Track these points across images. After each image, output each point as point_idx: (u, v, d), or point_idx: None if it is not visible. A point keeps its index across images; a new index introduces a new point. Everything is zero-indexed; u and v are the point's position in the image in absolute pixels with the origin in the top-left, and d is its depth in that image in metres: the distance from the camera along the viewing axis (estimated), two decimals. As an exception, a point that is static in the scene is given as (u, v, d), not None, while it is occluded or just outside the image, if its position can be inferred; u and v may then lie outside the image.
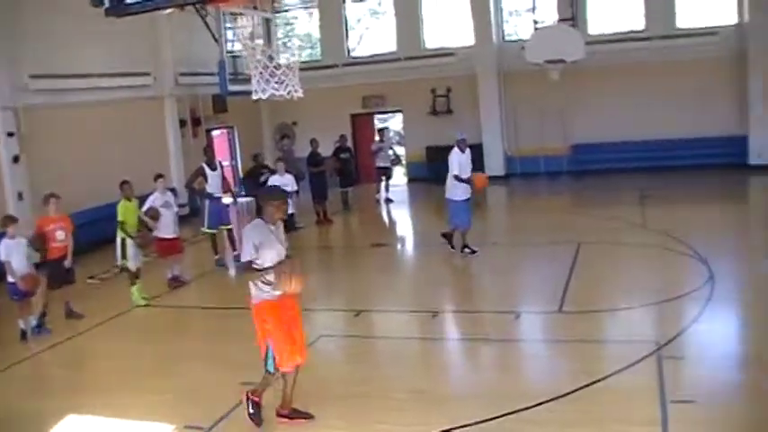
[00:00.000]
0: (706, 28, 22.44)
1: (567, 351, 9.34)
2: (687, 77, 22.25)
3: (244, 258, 6.96)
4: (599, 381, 7.91)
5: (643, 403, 7.31)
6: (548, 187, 23.78)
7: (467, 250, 14.26)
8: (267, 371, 7.23)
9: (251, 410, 7.39)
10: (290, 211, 14.69)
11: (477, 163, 14.63)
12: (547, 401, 7.46)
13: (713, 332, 9.41)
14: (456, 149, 13.98)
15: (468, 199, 14.16)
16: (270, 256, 6.99)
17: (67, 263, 11.58)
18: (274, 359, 7.13)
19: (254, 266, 6.93)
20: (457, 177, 13.90)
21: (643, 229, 15.48)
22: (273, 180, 14.84)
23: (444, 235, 14.58)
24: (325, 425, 7.38)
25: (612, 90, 23.08)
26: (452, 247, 14.46)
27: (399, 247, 17.53)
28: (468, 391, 8.28)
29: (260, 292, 7.03)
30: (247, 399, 7.42)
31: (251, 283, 7.05)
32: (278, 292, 7.00)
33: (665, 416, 6.97)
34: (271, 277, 6.85)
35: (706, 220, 16.14)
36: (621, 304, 10.78)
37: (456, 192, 14.04)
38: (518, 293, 12.43)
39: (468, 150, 14.15)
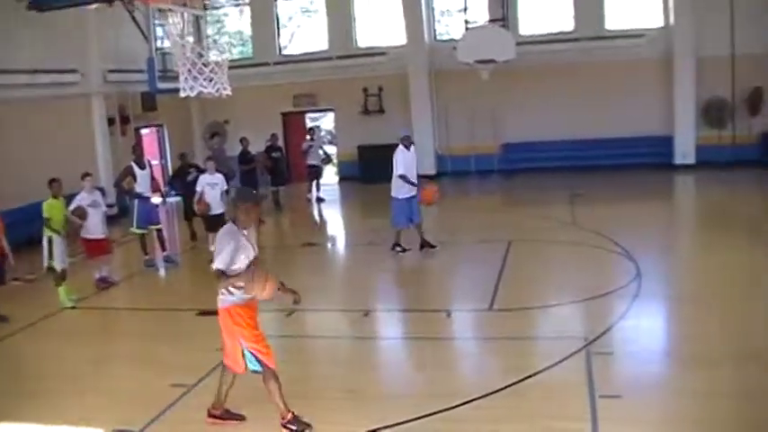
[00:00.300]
0: (633, 30, 22.96)
1: (498, 348, 9.43)
2: (615, 78, 22.72)
3: (217, 266, 6.73)
4: (529, 377, 7.99)
5: (572, 398, 7.41)
6: (478, 186, 23.99)
7: (398, 248, 14.25)
8: (259, 371, 6.99)
9: (296, 429, 7.07)
10: (220, 211, 14.56)
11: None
12: (477, 398, 7.52)
13: (640, 328, 9.58)
14: (401, 147, 13.86)
15: (413, 197, 13.95)
16: (242, 260, 6.83)
17: (11, 262, 11.35)
18: (257, 357, 6.93)
19: (227, 273, 6.73)
20: (403, 177, 13.76)
21: (573, 227, 15.71)
22: (203, 179, 14.66)
23: (394, 246, 14.30)
24: (256, 426, 7.32)
25: (543, 90, 23.37)
26: (404, 249, 14.25)
27: (330, 246, 17.51)
28: (400, 390, 8.28)
29: (229, 296, 6.90)
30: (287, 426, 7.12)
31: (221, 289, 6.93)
32: (247, 296, 6.88)
33: (594, 410, 7.08)
34: (242, 282, 6.64)
35: (634, 219, 16.48)
36: (551, 301, 10.88)
37: (400, 190, 13.90)
38: (449, 292, 12.50)
39: (413, 148, 14.07)
